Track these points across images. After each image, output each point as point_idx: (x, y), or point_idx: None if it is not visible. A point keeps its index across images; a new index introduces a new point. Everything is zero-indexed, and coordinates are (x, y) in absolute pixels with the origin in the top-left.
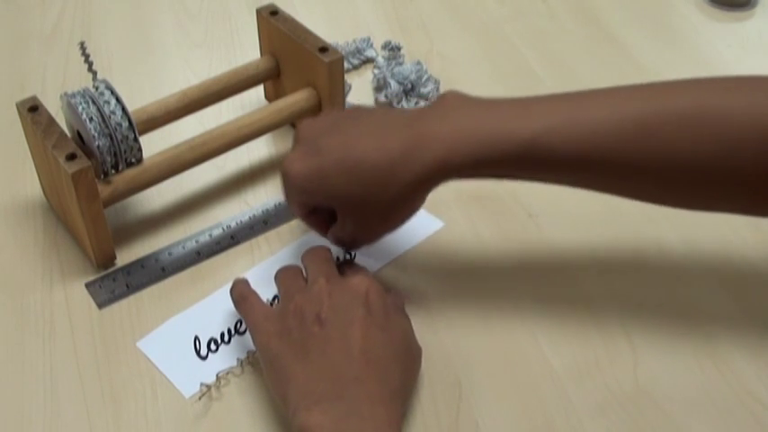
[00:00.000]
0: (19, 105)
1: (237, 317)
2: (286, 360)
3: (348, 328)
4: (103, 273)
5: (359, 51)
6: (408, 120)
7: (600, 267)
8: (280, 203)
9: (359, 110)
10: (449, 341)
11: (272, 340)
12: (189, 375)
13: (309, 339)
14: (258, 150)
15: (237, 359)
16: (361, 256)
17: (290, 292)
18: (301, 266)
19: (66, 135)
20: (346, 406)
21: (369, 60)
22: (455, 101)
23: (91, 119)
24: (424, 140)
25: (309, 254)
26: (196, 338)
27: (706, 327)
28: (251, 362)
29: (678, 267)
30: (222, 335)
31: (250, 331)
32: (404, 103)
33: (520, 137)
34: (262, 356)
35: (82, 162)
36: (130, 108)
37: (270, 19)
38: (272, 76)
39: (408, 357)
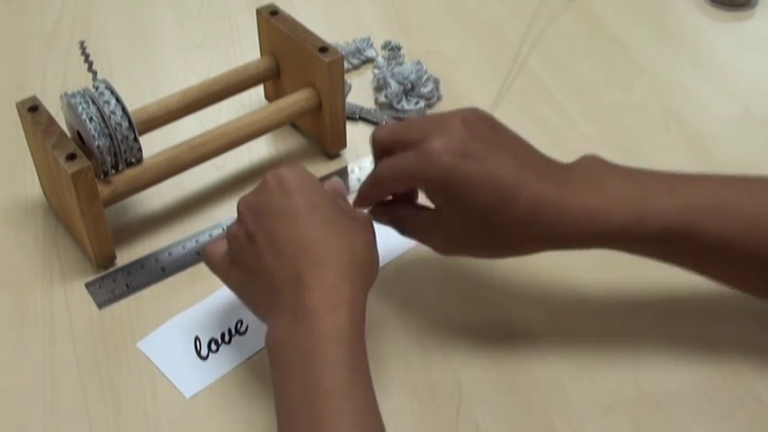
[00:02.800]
0: (19, 105)
1: (238, 317)
2: (244, 286)
3: (272, 228)
4: (103, 273)
5: (359, 51)
6: (557, 174)
7: (600, 267)
8: None
9: (509, 133)
10: (449, 341)
11: (229, 275)
12: (189, 375)
13: (250, 257)
14: (258, 150)
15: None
16: None
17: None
18: None
19: (66, 135)
20: (292, 311)
21: (369, 60)
22: (599, 167)
23: (91, 119)
24: (572, 198)
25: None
26: (197, 339)
27: (706, 327)
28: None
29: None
30: (223, 335)
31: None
32: (404, 104)
33: (666, 219)
34: (234, 293)
35: (82, 162)
36: (130, 108)
37: (270, 19)
38: (272, 76)
39: (344, 223)
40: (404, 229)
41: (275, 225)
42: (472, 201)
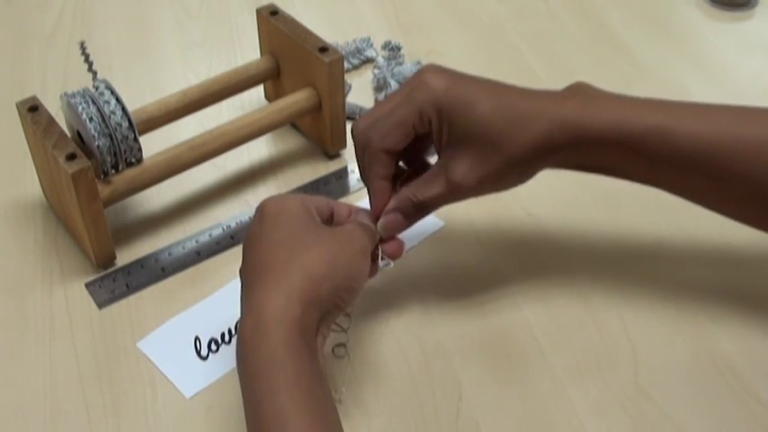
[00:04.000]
0: (19, 105)
1: (238, 317)
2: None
3: (247, 256)
4: (103, 273)
5: (359, 51)
6: (547, 91)
7: (599, 267)
8: None
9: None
10: (449, 341)
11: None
12: (189, 375)
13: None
14: (258, 150)
15: None
16: None
17: None
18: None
19: (66, 135)
20: (239, 337)
21: (369, 60)
22: (587, 86)
23: (91, 119)
24: (565, 102)
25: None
26: (197, 339)
27: (706, 327)
28: None
29: (678, 267)
30: (223, 335)
31: None
32: None
33: (648, 120)
34: None
35: (82, 162)
36: (130, 108)
37: (270, 19)
38: (272, 76)
39: (303, 238)
40: (424, 198)
41: (249, 253)
42: (478, 110)
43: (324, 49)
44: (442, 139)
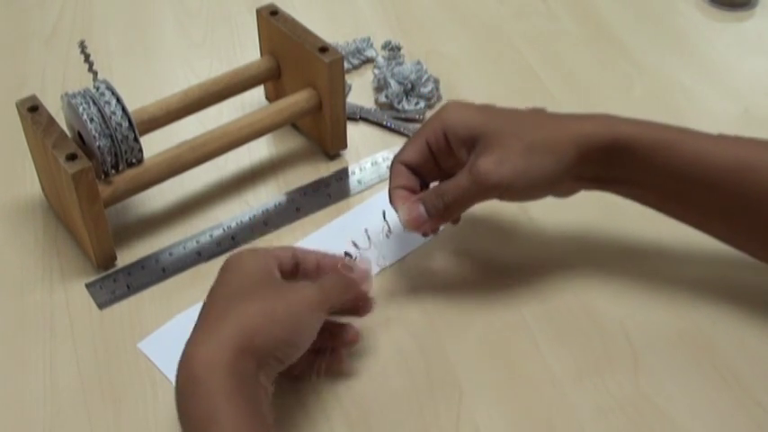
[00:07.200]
0: (19, 105)
1: None
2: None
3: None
4: (104, 273)
5: (359, 51)
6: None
7: (600, 268)
8: (280, 204)
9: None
10: (448, 343)
11: None
12: None
13: None
14: (259, 150)
15: None
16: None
17: None
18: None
19: (66, 135)
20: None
21: (369, 60)
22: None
23: (91, 119)
24: (584, 119)
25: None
26: None
27: (706, 328)
28: None
29: (678, 268)
30: None
31: None
32: (404, 104)
33: (652, 130)
34: None
35: (82, 162)
36: (131, 108)
37: (270, 19)
38: (273, 77)
39: (246, 294)
40: (448, 189)
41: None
42: (499, 111)
43: (324, 49)
44: (466, 145)
